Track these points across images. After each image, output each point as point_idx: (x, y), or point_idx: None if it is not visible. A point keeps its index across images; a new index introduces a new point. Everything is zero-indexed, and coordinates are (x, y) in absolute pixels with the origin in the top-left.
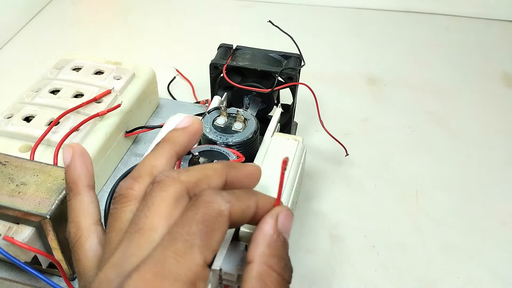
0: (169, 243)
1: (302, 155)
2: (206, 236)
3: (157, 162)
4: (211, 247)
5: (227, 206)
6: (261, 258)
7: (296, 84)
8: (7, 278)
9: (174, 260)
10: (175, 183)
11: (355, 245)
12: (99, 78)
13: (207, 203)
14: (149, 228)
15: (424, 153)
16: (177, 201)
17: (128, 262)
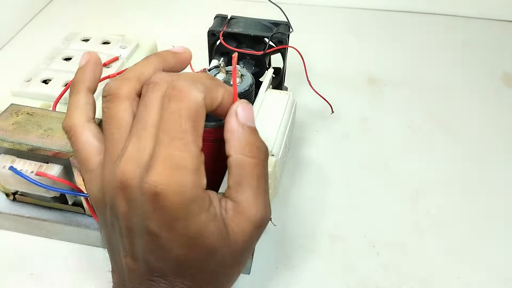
0: (170, 141)
1: (293, 107)
2: (195, 131)
3: (144, 70)
4: (200, 135)
5: (202, 96)
6: (234, 150)
7: (286, 48)
8: (34, 217)
9: (179, 155)
10: (167, 84)
11: (355, 245)
12: (107, 47)
13: (186, 96)
14: (151, 125)
15: (424, 153)
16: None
17: (143, 155)
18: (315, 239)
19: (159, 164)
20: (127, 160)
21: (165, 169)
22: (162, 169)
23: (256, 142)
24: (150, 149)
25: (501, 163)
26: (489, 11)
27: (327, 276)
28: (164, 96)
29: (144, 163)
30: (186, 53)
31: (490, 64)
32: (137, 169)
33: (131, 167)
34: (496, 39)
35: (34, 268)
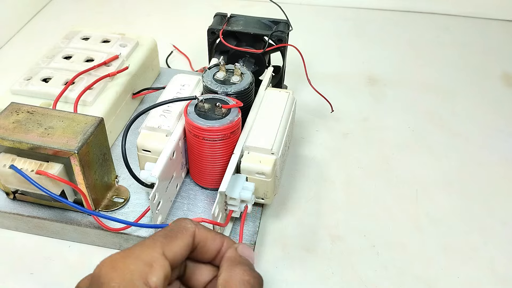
0: (141, 241)
1: (293, 105)
2: (168, 238)
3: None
4: (171, 247)
5: (192, 225)
6: (225, 269)
7: (286, 46)
8: (34, 216)
9: (140, 247)
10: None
11: (355, 245)
12: (107, 45)
13: (175, 222)
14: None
15: (424, 153)
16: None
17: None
18: (315, 239)
19: (116, 254)
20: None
21: (117, 255)
22: (114, 256)
23: (247, 266)
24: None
25: (500, 163)
26: (489, 11)
27: (327, 276)
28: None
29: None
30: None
31: (490, 64)
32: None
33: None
34: (496, 39)
35: (34, 267)
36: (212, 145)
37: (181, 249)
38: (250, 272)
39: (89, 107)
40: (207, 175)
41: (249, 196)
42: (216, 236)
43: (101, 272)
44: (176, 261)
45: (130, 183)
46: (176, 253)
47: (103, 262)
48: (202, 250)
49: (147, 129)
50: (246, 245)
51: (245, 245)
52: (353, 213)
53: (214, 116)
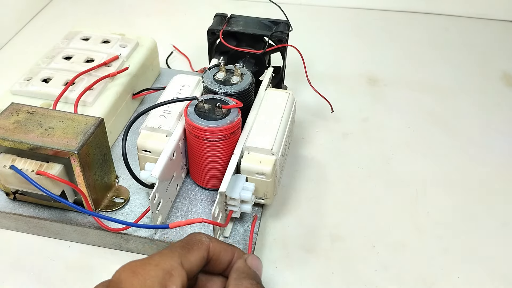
0: (159, 251)
1: (293, 106)
2: (185, 249)
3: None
4: (188, 258)
5: (207, 239)
6: (234, 281)
7: (286, 46)
8: (35, 216)
9: (159, 256)
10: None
11: (355, 245)
12: (107, 46)
13: (192, 235)
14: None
15: (424, 153)
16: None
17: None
18: (315, 239)
19: (135, 261)
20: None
21: (136, 263)
22: (133, 263)
23: (255, 280)
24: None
25: (501, 163)
26: (489, 11)
27: (327, 276)
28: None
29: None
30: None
31: (490, 64)
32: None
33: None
34: (496, 39)
35: (34, 268)
36: (212, 145)
37: (197, 261)
38: (257, 286)
39: (89, 108)
40: (207, 175)
41: (249, 196)
42: (228, 248)
43: (121, 277)
44: (192, 272)
45: (130, 184)
46: (193, 264)
47: (123, 268)
48: (215, 263)
49: (147, 129)
50: (255, 256)
51: (254, 256)
52: (353, 213)
53: (214, 117)
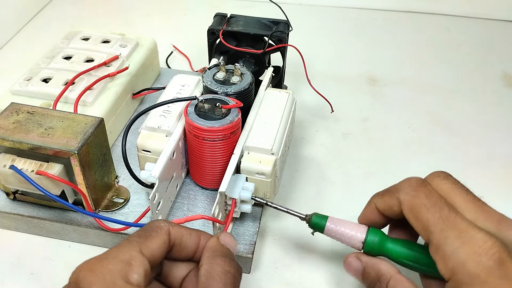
0: (117, 244)
1: (293, 105)
2: (142, 237)
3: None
4: (147, 245)
5: (166, 224)
6: (207, 260)
7: (286, 46)
8: (35, 216)
9: (116, 249)
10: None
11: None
12: (107, 46)
13: (149, 223)
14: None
15: (424, 153)
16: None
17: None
18: (315, 239)
19: (92, 258)
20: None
21: (93, 260)
22: (90, 260)
23: (229, 256)
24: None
25: (501, 163)
26: (489, 11)
27: (327, 276)
28: None
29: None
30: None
31: (490, 64)
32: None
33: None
34: (496, 39)
35: (34, 267)
36: (212, 145)
37: (158, 247)
38: (231, 263)
39: (89, 108)
40: (207, 175)
41: (249, 196)
42: (192, 231)
43: (79, 277)
44: (154, 259)
45: (130, 184)
46: (154, 251)
47: (79, 268)
48: (179, 248)
49: (147, 129)
50: (227, 234)
51: (227, 234)
52: (353, 213)
53: (214, 117)
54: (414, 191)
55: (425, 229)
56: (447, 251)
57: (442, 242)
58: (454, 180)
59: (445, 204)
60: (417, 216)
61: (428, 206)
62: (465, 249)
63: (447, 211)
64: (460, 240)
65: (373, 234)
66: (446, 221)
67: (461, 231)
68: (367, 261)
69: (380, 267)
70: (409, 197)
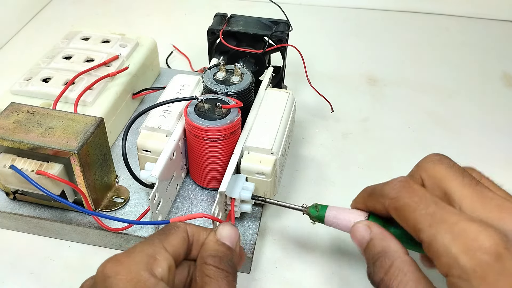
0: (139, 242)
1: (293, 105)
2: (163, 235)
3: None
4: (169, 241)
5: (183, 223)
6: (199, 260)
7: (286, 46)
8: (35, 216)
9: (141, 244)
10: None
11: (355, 245)
12: (107, 46)
13: (167, 225)
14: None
15: (424, 153)
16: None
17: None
18: (315, 239)
19: (119, 254)
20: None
21: (119, 255)
22: (117, 256)
23: (225, 256)
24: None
25: (501, 163)
26: (489, 11)
27: (327, 276)
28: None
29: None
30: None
31: (490, 64)
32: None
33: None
34: (496, 39)
35: (34, 267)
36: (212, 145)
37: (178, 243)
38: (223, 263)
39: (89, 107)
40: (207, 175)
41: (249, 196)
42: (207, 229)
43: (106, 268)
44: (177, 255)
45: (130, 183)
46: (175, 247)
47: (107, 260)
48: (197, 246)
49: (147, 129)
50: (227, 226)
51: (225, 226)
52: None
53: (214, 116)
54: (397, 193)
55: (415, 229)
56: (439, 247)
57: (432, 238)
58: (449, 163)
59: (430, 200)
60: (404, 218)
61: (412, 205)
62: (457, 244)
63: (434, 206)
64: (450, 234)
65: (374, 218)
66: (433, 216)
67: (451, 224)
68: (377, 233)
69: (389, 244)
70: (393, 201)
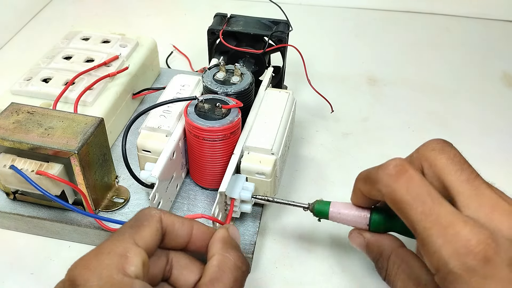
0: (109, 237)
1: (293, 105)
2: (134, 227)
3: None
4: (140, 235)
5: (157, 211)
6: (220, 250)
7: (286, 46)
8: (35, 216)
9: (109, 242)
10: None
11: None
12: (107, 46)
13: (139, 212)
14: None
15: None
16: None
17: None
18: (315, 239)
19: (88, 253)
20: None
21: (89, 255)
22: (86, 256)
23: (239, 251)
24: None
25: (501, 163)
26: (489, 11)
27: (327, 276)
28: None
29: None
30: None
31: (490, 64)
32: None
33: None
34: (496, 39)
35: (34, 267)
36: (212, 145)
37: (151, 236)
38: (242, 259)
39: (89, 108)
40: (207, 175)
41: (249, 196)
42: (184, 220)
43: (74, 275)
44: (149, 248)
45: (130, 184)
46: (147, 240)
47: (74, 265)
48: (171, 236)
49: (147, 129)
50: (234, 227)
51: (233, 226)
52: None
53: (214, 117)
54: (394, 182)
55: (410, 225)
56: (431, 249)
57: (426, 240)
58: (450, 153)
59: (427, 195)
60: (400, 212)
61: (410, 201)
62: (448, 248)
63: (430, 203)
64: (443, 238)
65: (377, 212)
66: (429, 216)
67: (445, 227)
68: (369, 238)
69: (382, 243)
70: (389, 190)
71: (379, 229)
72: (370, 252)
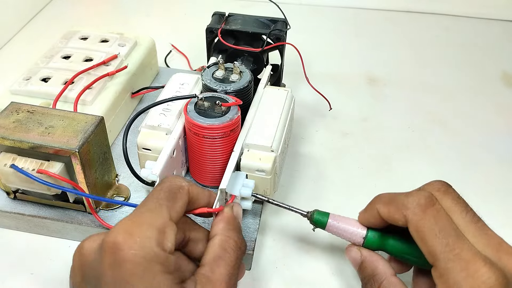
0: (144, 203)
1: (292, 103)
2: (171, 201)
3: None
4: (175, 209)
5: (186, 183)
6: (223, 231)
7: (284, 44)
8: (35, 215)
9: (149, 213)
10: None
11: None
12: (105, 45)
13: (171, 181)
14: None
15: (424, 153)
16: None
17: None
18: (315, 236)
19: (126, 219)
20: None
21: (129, 222)
22: (126, 222)
23: (240, 233)
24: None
25: (501, 163)
26: (489, 11)
27: (327, 276)
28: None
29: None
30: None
31: (490, 64)
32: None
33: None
34: (496, 39)
35: (34, 267)
36: (212, 143)
37: (182, 209)
38: (242, 240)
39: (89, 106)
40: (207, 173)
41: (249, 193)
42: (204, 191)
43: (118, 239)
44: (177, 220)
45: (130, 182)
46: (179, 214)
47: (117, 230)
48: (193, 205)
49: (147, 127)
50: (238, 205)
51: (238, 205)
52: (352, 213)
53: (214, 114)
54: (422, 212)
55: (431, 255)
56: (450, 281)
57: (447, 272)
58: (454, 195)
59: (452, 229)
60: (423, 240)
61: (436, 232)
62: (470, 281)
63: (455, 238)
64: (464, 272)
65: (373, 230)
66: (453, 250)
67: (467, 262)
68: (367, 256)
69: (377, 266)
70: (417, 218)
71: (373, 244)
72: (363, 270)
